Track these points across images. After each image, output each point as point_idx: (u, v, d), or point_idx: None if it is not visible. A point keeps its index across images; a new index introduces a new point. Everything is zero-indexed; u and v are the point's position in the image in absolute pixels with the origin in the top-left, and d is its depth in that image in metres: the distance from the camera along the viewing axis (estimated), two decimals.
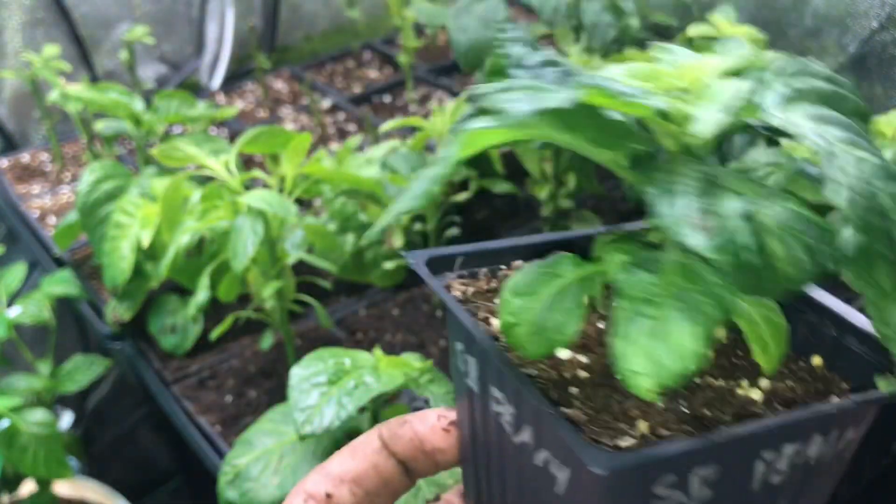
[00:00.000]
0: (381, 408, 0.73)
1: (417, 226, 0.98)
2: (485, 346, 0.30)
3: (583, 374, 0.30)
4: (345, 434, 0.72)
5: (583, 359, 0.31)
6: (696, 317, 0.24)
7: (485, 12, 1.16)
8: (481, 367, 0.31)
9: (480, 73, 1.16)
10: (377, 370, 0.68)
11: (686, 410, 0.29)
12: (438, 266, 0.35)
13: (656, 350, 0.24)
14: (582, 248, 0.30)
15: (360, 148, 1.27)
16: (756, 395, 0.30)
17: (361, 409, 0.70)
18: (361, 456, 0.36)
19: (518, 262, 0.36)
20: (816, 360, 0.32)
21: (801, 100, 0.28)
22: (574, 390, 0.29)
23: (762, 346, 0.29)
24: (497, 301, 0.33)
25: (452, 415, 0.36)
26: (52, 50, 1.23)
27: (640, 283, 0.26)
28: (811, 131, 0.26)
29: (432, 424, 0.36)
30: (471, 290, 0.34)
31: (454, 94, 1.47)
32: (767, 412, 0.29)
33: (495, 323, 0.32)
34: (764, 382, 0.31)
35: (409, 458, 0.36)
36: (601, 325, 0.33)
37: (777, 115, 0.27)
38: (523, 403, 0.29)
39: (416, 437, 0.35)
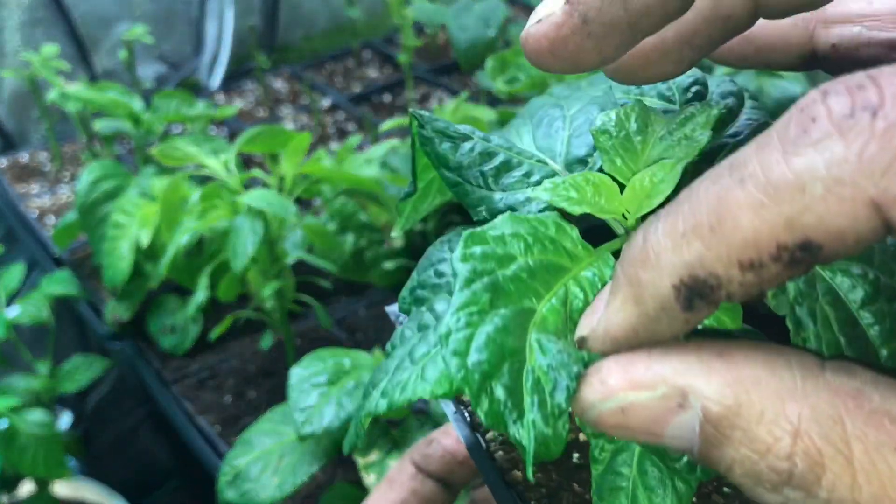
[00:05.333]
0: None
1: (418, 226, 0.97)
2: None
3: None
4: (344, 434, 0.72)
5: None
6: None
7: (484, 11, 1.15)
8: None
9: (481, 72, 1.16)
10: None
11: None
12: None
13: None
14: None
15: (360, 147, 1.27)
16: None
17: None
18: (398, 485, 0.37)
19: None
20: None
21: None
22: None
23: None
24: None
25: None
26: (50, 49, 1.23)
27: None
28: None
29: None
30: None
31: (454, 93, 1.47)
32: None
33: None
34: None
35: (445, 473, 0.37)
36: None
37: None
38: None
39: (447, 453, 0.37)
